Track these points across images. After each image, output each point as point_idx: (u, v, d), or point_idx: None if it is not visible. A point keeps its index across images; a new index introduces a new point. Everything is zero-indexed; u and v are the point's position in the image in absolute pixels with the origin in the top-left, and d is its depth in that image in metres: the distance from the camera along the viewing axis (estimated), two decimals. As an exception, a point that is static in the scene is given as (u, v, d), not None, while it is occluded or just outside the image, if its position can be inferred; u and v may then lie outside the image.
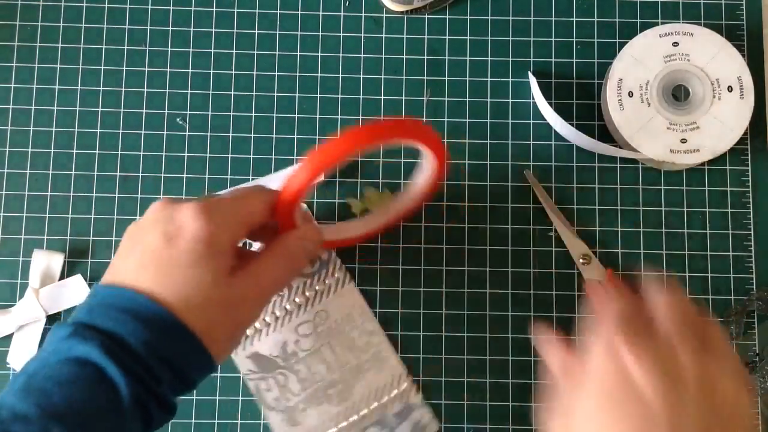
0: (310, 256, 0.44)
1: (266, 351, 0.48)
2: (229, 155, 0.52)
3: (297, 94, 0.52)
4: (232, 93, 0.52)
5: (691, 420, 0.33)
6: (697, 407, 0.34)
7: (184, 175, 0.51)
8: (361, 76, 0.53)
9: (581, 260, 0.50)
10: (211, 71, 0.52)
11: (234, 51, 0.53)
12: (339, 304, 0.49)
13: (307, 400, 0.48)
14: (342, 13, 0.53)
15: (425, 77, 0.53)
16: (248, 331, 0.48)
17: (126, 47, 0.52)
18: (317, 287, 0.49)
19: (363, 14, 0.53)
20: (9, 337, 0.49)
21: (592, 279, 0.49)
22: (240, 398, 0.49)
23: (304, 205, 0.50)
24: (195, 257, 0.37)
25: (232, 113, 0.52)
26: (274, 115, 0.52)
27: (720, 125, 0.49)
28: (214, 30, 0.53)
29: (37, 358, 0.36)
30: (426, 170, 0.44)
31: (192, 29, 0.53)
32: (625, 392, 0.35)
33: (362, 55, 0.53)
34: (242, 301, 0.40)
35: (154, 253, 0.37)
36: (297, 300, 0.49)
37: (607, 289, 0.40)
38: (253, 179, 0.51)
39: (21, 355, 0.48)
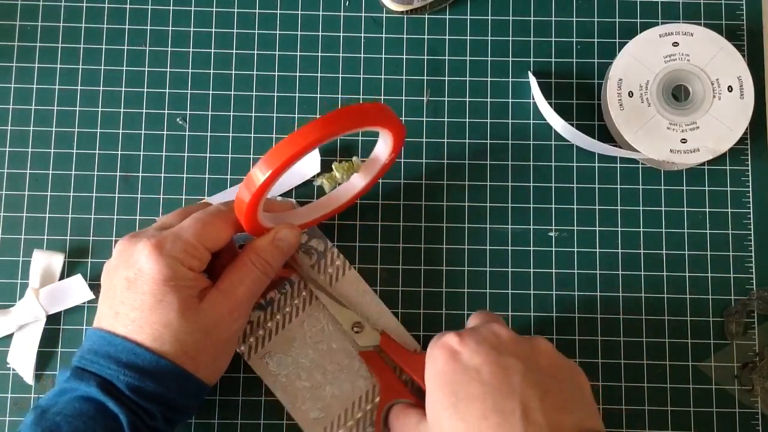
0: (288, 255, 0.45)
1: (279, 349, 0.48)
2: (229, 155, 0.52)
3: (297, 94, 0.52)
4: (232, 93, 0.52)
5: (520, 378, 0.37)
6: (525, 367, 0.37)
7: (184, 175, 0.51)
8: (361, 76, 0.53)
9: (354, 329, 0.48)
10: (211, 71, 0.52)
11: (234, 51, 0.53)
12: (343, 291, 0.49)
13: (329, 391, 0.48)
14: (342, 13, 0.53)
15: (425, 77, 0.53)
16: (257, 332, 0.48)
17: (126, 47, 0.52)
18: (320, 278, 0.49)
19: (363, 14, 0.53)
20: (9, 337, 0.49)
21: (367, 346, 0.48)
22: (240, 398, 0.49)
23: (288, 199, 0.50)
24: (155, 298, 0.39)
25: (232, 113, 0.52)
26: (274, 115, 0.52)
27: (720, 125, 0.49)
28: (214, 30, 0.53)
29: (46, 397, 0.40)
30: (385, 143, 0.44)
31: (192, 29, 0.53)
32: (459, 372, 0.38)
33: (362, 55, 0.53)
34: (217, 322, 0.41)
35: (122, 298, 0.40)
36: (302, 294, 0.49)
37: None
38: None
39: (21, 355, 0.48)
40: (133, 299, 0.40)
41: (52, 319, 0.49)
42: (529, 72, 0.52)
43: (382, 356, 0.48)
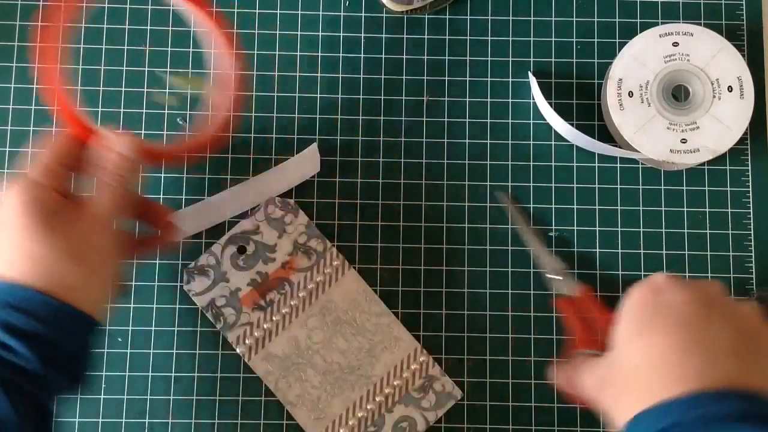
0: (132, 158, 0.43)
1: (279, 350, 0.48)
2: (229, 155, 0.52)
3: (297, 94, 0.52)
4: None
5: (716, 328, 0.36)
6: (724, 320, 0.36)
7: (184, 175, 0.51)
8: (361, 76, 0.52)
9: (554, 276, 0.49)
10: (211, 71, 0.52)
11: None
12: (342, 291, 0.49)
13: (330, 390, 0.48)
14: (342, 13, 0.53)
15: (425, 77, 0.53)
16: (257, 333, 0.49)
17: (126, 47, 0.52)
18: (318, 278, 0.49)
19: (363, 14, 0.53)
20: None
21: (565, 295, 0.49)
22: (240, 398, 0.49)
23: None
24: (19, 228, 0.38)
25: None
26: (275, 115, 0.52)
27: (720, 125, 0.49)
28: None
29: None
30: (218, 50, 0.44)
31: (192, 29, 0.53)
32: (656, 305, 0.37)
33: (362, 55, 0.53)
34: (83, 241, 0.40)
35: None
36: (301, 294, 0.49)
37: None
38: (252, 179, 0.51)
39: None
40: (5, 238, 0.39)
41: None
42: (529, 72, 0.52)
43: (578, 307, 0.48)
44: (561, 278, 0.49)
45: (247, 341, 0.49)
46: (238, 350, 0.48)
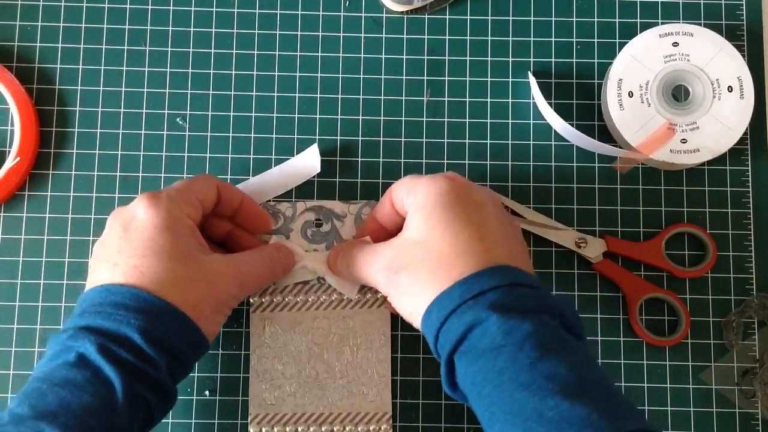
0: (283, 269, 0.47)
1: (282, 323, 0.48)
2: (229, 155, 0.52)
3: (297, 94, 0.52)
4: (232, 93, 0.52)
5: (501, 220, 0.42)
6: (502, 214, 0.43)
7: (185, 175, 0.51)
8: (361, 76, 0.53)
9: (579, 246, 0.50)
10: (211, 71, 0.52)
11: (234, 51, 0.53)
12: (365, 321, 0.48)
13: (297, 388, 0.48)
14: (342, 13, 0.53)
15: (425, 77, 0.53)
16: (278, 298, 0.48)
17: (126, 47, 0.52)
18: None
19: (363, 14, 0.53)
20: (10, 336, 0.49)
21: (597, 256, 0.50)
22: (240, 398, 0.49)
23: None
24: (156, 243, 0.39)
25: (232, 113, 0.52)
26: (274, 115, 0.52)
27: (720, 125, 0.49)
28: (214, 30, 0.53)
29: (39, 365, 0.38)
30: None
31: (192, 29, 0.53)
32: (467, 202, 0.41)
33: (362, 55, 0.53)
34: (220, 277, 0.41)
35: (120, 248, 0.39)
36: (333, 296, 0.48)
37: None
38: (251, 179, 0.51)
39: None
40: (132, 247, 0.39)
41: (50, 320, 0.49)
42: (529, 72, 0.52)
43: (614, 261, 0.50)
44: (584, 244, 0.50)
45: (264, 296, 0.48)
46: (251, 299, 0.48)
